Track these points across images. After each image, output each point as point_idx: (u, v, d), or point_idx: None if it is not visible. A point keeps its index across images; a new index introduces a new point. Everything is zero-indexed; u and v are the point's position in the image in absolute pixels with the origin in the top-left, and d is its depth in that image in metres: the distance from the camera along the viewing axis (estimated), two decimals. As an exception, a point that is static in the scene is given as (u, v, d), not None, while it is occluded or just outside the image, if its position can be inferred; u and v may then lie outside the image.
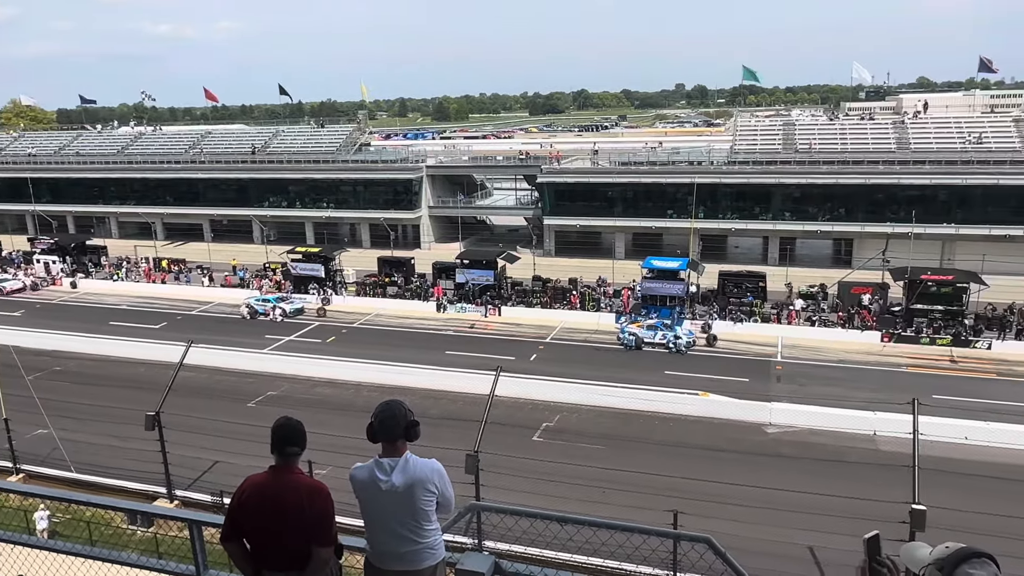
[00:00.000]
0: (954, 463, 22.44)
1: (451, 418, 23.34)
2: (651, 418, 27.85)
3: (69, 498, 6.49)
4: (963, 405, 27.47)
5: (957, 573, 2.56)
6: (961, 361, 33.60)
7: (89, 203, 68.07)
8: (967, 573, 2.55)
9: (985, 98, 71.62)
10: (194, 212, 65.25)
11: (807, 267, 47.28)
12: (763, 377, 32.31)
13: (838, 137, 53.13)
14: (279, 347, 37.73)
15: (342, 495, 4.71)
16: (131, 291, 49.99)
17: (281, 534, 4.09)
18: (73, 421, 25.87)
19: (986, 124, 51.90)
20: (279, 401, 30.06)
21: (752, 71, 63.33)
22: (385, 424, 4.16)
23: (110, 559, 4.86)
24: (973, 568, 2.56)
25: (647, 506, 17.07)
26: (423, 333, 39.81)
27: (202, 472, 22.97)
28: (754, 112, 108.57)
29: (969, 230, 46.00)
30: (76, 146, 73.80)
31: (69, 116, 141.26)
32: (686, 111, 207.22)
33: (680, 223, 51.19)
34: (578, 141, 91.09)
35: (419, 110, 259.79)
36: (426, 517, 4.16)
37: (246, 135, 73.79)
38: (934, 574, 2.61)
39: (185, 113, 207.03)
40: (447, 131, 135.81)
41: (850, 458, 23.70)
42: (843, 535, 14.78)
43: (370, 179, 60.64)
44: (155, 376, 28.63)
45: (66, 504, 16.83)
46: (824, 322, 37.80)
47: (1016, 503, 19.60)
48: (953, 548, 2.64)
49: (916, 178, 47.42)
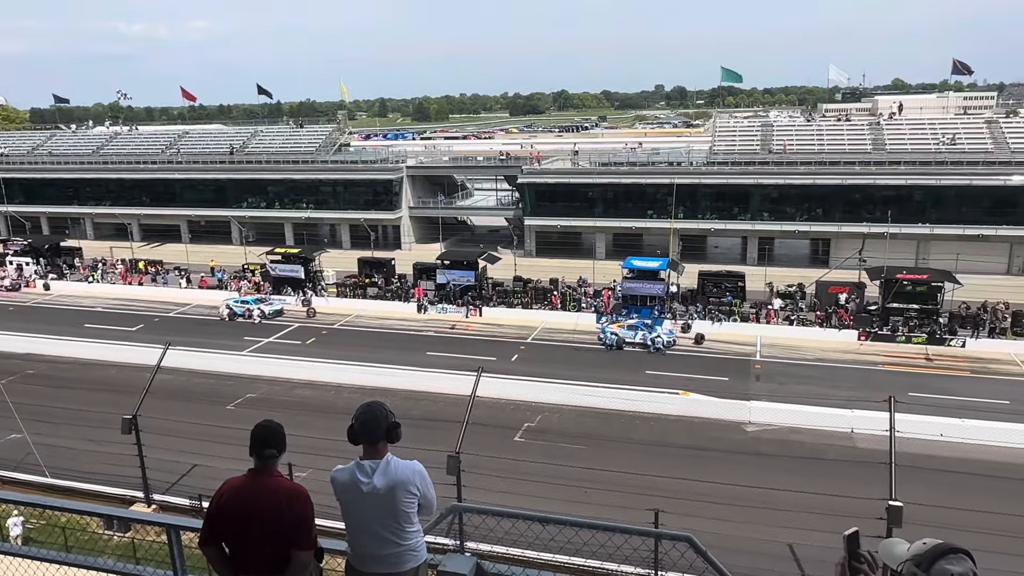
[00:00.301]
0: (930, 460, 22.74)
1: (432, 419, 23.26)
2: (632, 418, 27.96)
3: (43, 504, 6.37)
4: (938, 402, 27.87)
5: (935, 569, 2.59)
6: (936, 359, 34.09)
7: (63, 204, 67.04)
8: (944, 569, 2.58)
9: (958, 100, 72.88)
10: (171, 213, 64.51)
11: (785, 267, 47.71)
12: (743, 376, 32.57)
13: (815, 138, 53.72)
14: (258, 349, 37.41)
15: (323, 497, 4.67)
16: (107, 293, 49.32)
17: (260, 538, 4.04)
18: (48, 425, 25.44)
19: (959, 125, 52.73)
20: (258, 403, 29.81)
21: (733, 72, 63.79)
22: (366, 426, 4.13)
23: (86, 565, 4.78)
24: (950, 564, 2.59)
25: (628, 505, 17.12)
26: (404, 334, 39.66)
27: (180, 476, 22.70)
28: (733, 113, 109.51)
29: (943, 230, 46.69)
30: (50, 146, 72.70)
31: (43, 116, 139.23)
32: (666, 112, 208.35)
33: (660, 223, 51.47)
34: (558, 142, 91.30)
35: (399, 110, 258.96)
36: (408, 519, 4.14)
37: (224, 135, 73.10)
38: (912, 570, 2.63)
39: (162, 113, 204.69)
40: (427, 131, 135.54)
41: (828, 456, 23.96)
42: (822, 532, 14.92)
43: (350, 179, 60.32)
44: (132, 379, 28.24)
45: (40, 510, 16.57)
46: (802, 321, 38.18)
47: (991, 498, 19.94)
48: (931, 544, 2.67)
49: (891, 179, 48.05)
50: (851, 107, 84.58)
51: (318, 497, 4.31)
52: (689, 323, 37.98)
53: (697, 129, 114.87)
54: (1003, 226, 46.27)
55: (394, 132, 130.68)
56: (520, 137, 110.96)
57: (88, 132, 79.75)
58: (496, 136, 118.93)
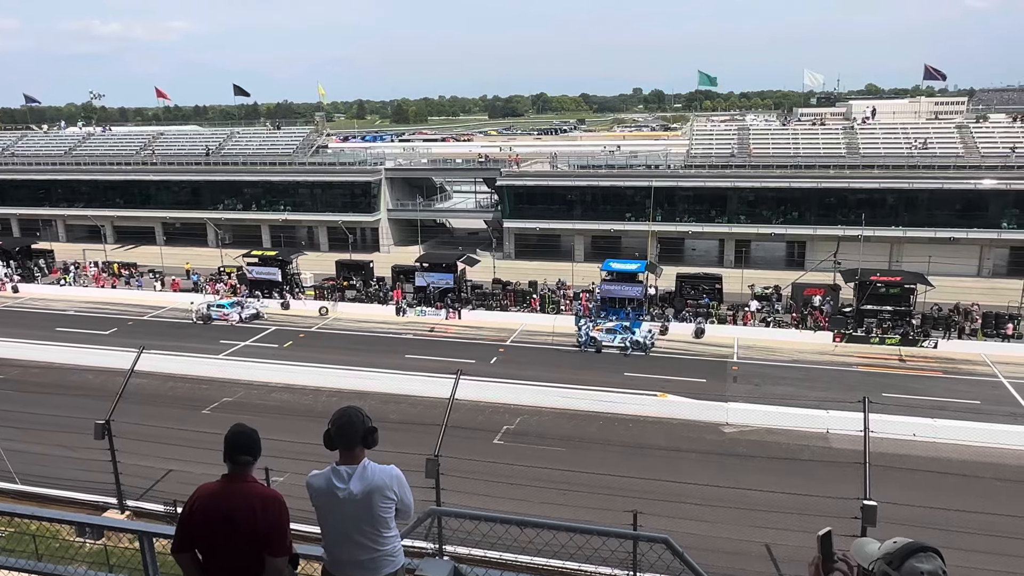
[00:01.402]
0: (903, 459, 23.07)
1: (411, 422, 23.18)
2: (611, 419, 28.05)
3: (13, 511, 6.27)
4: (911, 403, 28.30)
5: (905, 567, 2.63)
6: (909, 360, 34.60)
7: (35, 206, 65.95)
8: (914, 567, 2.62)
9: (930, 105, 73.89)
10: (146, 215, 63.70)
11: (762, 269, 48.19)
12: (720, 377, 32.83)
13: (791, 142, 54.33)
14: (235, 352, 37.04)
15: (300, 502, 4.63)
16: (79, 296, 48.55)
17: (233, 544, 4.00)
18: (18, 431, 24.93)
19: (931, 130, 53.61)
20: (235, 408, 29.50)
21: (709, 76, 64.36)
22: (342, 431, 4.10)
23: (57, 574, 4.71)
24: (920, 562, 2.63)
25: (607, 507, 17.17)
26: (382, 337, 39.48)
27: (155, 481, 22.37)
28: (710, 117, 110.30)
29: (915, 233, 47.43)
30: (21, 147, 71.48)
31: (13, 116, 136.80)
32: (643, 115, 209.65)
33: (638, 226, 51.76)
34: (537, 144, 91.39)
35: (377, 112, 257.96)
36: (385, 524, 4.12)
37: (200, 136, 72.31)
38: (883, 568, 2.67)
39: (136, 113, 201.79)
40: (406, 133, 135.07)
41: (804, 456, 24.23)
42: (798, 531, 15.07)
43: (328, 181, 59.97)
44: (105, 383, 27.85)
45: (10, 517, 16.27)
46: (778, 323, 38.57)
47: (961, 497, 20.28)
48: (901, 543, 2.71)
49: (865, 182, 48.74)
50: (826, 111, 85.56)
51: (295, 502, 4.27)
52: (666, 325, 38.21)
53: (675, 132, 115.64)
54: (974, 229, 47.10)
55: (372, 134, 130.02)
56: (499, 140, 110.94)
57: (60, 133, 78.45)
58: (475, 138, 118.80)
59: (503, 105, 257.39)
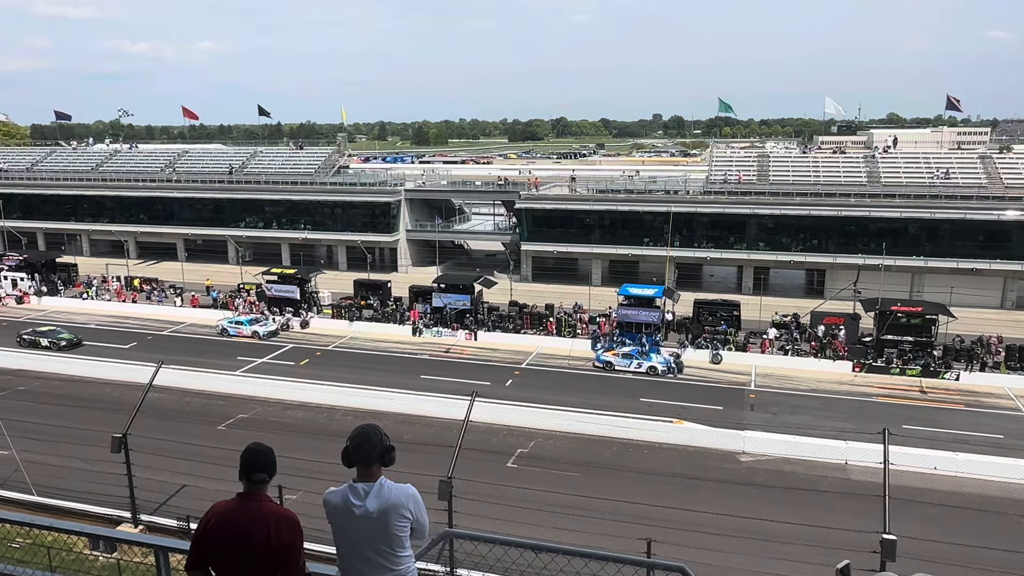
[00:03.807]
0: (924, 493, 22.67)
1: (425, 443, 23.13)
2: (626, 445, 27.83)
3: (29, 522, 6.30)
4: (932, 435, 27.81)
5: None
6: (930, 392, 34.09)
7: (61, 220, 67.06)
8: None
9: (952, 135, 73.65)
10: (168, 231, 64.57)
11: (780, 296, 47.84)
12: (737, 405, 32.50)
13: (811, 170, 54.16)
14: (252, 369, 37.24)
15: (314, 521, 4.63)
16: (101, 310, 49.14)
17: (247, 564, 4.00)
18: (36, 442, 25.20)
19: (953, 160, 53.25)
20: (250, 424, 29.61)
21: (727, 104, 64.55)
22: (361, 448, 4.12)
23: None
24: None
25: (621, 534, 16.99)
26: (398, 357, 39.55)
27: (168, 496, 22.47)
28: (730, 143, 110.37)
29: (937, 263, 46.95)
30: (49, 162, 72.88)
31: (43, 132, 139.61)
32: (663, 141, 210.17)
33: (656, 251, 51.66)
34: (556, 168, 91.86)
35: (399, 134, 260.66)
36: (400, 543, 4.11)
37: (224, 155, 73.37)
38: (904, 604, 2.63)
39: (162, 131, 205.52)
40: (426, 155, 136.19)
41: (822, 487, 23.86)
42: (815, 564, 14.84)
43: (348, 201, 60.51)
44: (123, 397, 28.12)
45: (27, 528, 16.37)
46: (797, 351, 38.20)
47: (983, 533, 19.84)
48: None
49: (886, 211, 48.40)
50: (847, 140, 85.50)
51: (308, 521, 4.28)
52: (679, 353, 37.76)
53: (694, 158, 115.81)
54: (997, 260, 46.54)
55: (393, 155, 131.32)
56: (518, 163, 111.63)
57: (88, 149, 80.00)
58: (494, 161, 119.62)
59: (523, 129, 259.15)
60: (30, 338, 40.81)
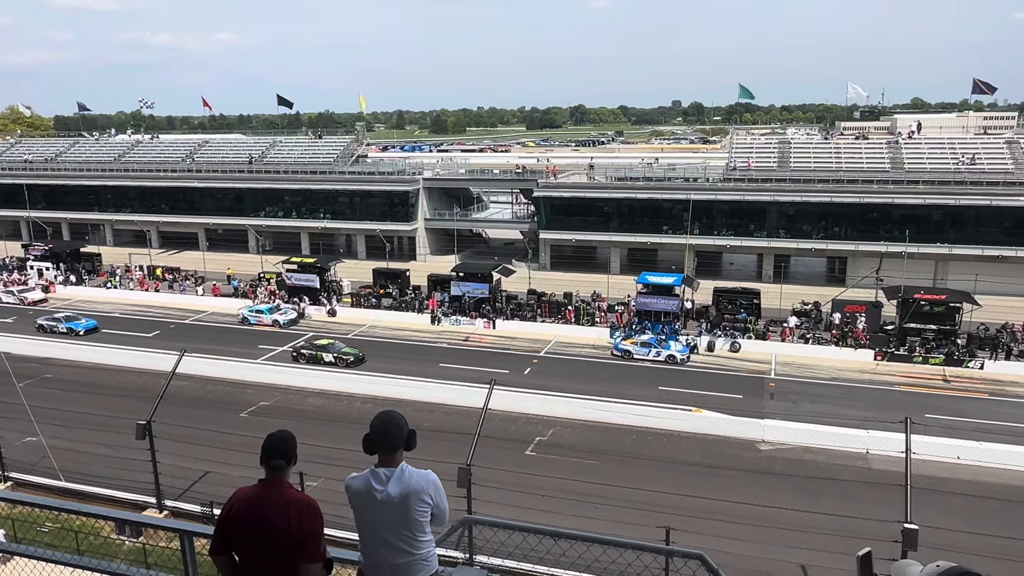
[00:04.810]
0: (946, 482, 22.45)
1: (444, 431, 23.27)
2: (644, 433, 27.81)
3: (57, 506, 6.43)
4: (955, 424, 27.51)
5: (946, 592, 2.57)
6: (954, 380, 33.69)
7: (84, 210, 67.93)
8: (956, 592, 2.56)
9: (978, 119, 72.24)
10: (190, 221, 65.16)
11: (801, 284, 47.44)
12: (756, 394, 32.33)
13: (833, 156, 53.49)
14: (272, 357, 37.60)
15: (333, 507, 4.68)
16: (124, 299, 49.80)
17: (268, 550, 4.05)
18: (63, 429, 25.68)
19: (979, 145, 52.32)
20: (271, 412, 29.94)
21: (748, 90, 63.82)
22: (384, 434, 4.16)
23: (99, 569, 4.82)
24: (963, 587, 2.56)
25: (639, 522, 17.03)
26: (417, 345, 39.73)
27: (192, 482, 22.82)
28: (750, 130, 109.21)
29: (962, 250, 46.26)
30: (73, 153, 73.75)
31: (66, 123, 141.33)
32: (682, 128, 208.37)
33: (675, 239, 51.36)
34: (575, 156, 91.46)
35: (417, 123, 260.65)
36: (420, 528, 4.15)
37: (243, 145, 73.82)
38: (924, 592, 2.61)
39: (183, 122, 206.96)
40: (444, 144, 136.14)
41: (842, 476, 23.72)
42: (835, 553, 14.77)
43: (367, 190, 60.71)
44: (147, 384, 28.52)
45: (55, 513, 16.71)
46: (818, 340, 37.88)
47: (1009, 523, 19.63)
48: (944, 567, 2.65)
49: (910, 198, 47.70)
50: (869, 125, 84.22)
51: (329, 507, 4.32)
52: (694, 342, 37.55)
53: (714, 145, 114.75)
54: (1023, 247, 45.78)
55: (411, 144, 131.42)
56: (536, 151, 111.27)
57: (110, 140, 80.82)
58: (512, 149, 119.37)
59: (541, 117, 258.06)
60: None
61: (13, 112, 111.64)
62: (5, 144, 78.98)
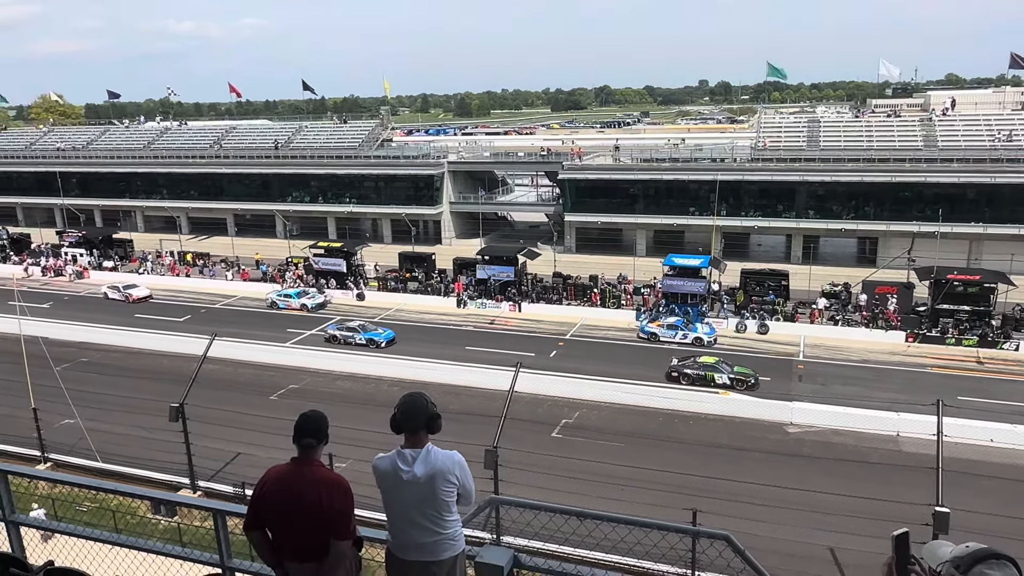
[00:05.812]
0: (979, 465, 22.16)
1: (471, 413, 23.45)
2: (671, 416, 27.76)
3: (96, 486, 6.63)
4: (989, 407, 27.08)
5: (972, 572, 2.54)
6: (987, 362, 33.10)
7: (116, 197, 69.04)
8: (983, 573, 2.53)
9: (1016, 95, 70.13)
10: (218, 206, 65.92)
11: (831, 265, 46.79)
12: (784, 376, 32.07)
13: (864, 134, 52.45)
14: (301, 341, 38.07)
15: (362, 488, 4.75)
16: (156, 284, 50.62)
17: (300, 527, 4.14)
18: (99, 411, 26.34)
19: (1016, 121, 50.92)
20: (301, 394, 30.37)
21: (778, 68, 62.65)
22: (408, 415, 4.22)
23: (136, 546, 4.96)
24: (990, 568, 2.54)
25: (666, 504, 17.04)
26: (443, 328, 39.95)
27: (224, 463, 23.30)
28: (778, 109, 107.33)
29: (997, 229, 45.22)
30: (104, 140, 74.87)
31: (97, 111, 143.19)
32: (709, 108, 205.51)
33: (702, 220, 50.86)
34: (600, 138, 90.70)
35: (441, 106, 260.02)
36: (447, 508, 4.21)
37: (270, 130, 74.36)
38: (951, 572, 2.60)
39: (210, 108, 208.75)
40: (468, 127, 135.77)
41: (872, 459, 23.49)
42: (864, 536, 14.68)
43: (392, 175, 60.90)
44: (179, 368, 29.06)
45: (93, 492, 17.18)
46: (848, 321, 37.40)
47: (1043, 507, 19.29)
48: (973, 548, 2.63)
49: (943, 176, 46.67)
50: (902, 102, 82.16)
51: (358, 488, 4.39)
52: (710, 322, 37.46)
53: (741, 125, 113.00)
54: (1061, 226, 44.64)
55: (435, 128, 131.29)
56: (561, 133, 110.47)
57: (140, 127, 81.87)
58: (537, 132, 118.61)
59: (566, 98, 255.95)
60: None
61: (45, 101, 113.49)
62: (38, 132, 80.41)
